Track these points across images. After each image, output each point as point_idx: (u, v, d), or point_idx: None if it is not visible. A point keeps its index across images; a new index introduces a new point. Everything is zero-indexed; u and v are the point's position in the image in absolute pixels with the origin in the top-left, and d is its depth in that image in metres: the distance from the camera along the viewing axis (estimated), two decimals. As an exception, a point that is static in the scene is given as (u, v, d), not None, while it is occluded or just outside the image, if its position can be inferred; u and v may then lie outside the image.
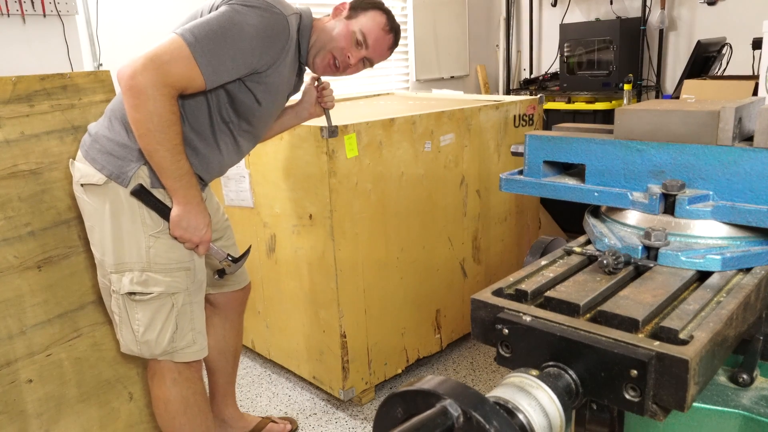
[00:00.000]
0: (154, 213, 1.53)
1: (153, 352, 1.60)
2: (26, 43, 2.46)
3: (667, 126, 1.11)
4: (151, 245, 1.54)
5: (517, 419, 0.72)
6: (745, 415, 0.95)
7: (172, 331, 1.59)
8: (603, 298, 0.95)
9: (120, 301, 1.58)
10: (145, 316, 1.57)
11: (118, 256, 1.54)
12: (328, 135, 2.00)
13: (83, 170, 1.54)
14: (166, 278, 1.56)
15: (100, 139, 1.53)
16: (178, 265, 1.57)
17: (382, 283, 2.32)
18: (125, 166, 1.50)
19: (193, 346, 1.65)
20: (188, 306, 1.61)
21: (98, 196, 1.53)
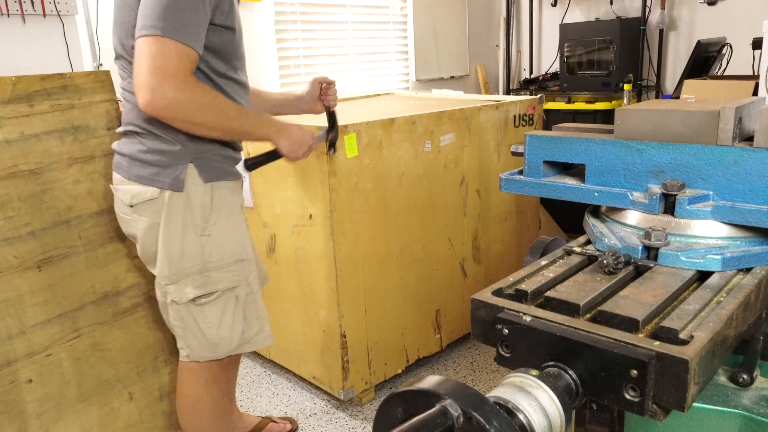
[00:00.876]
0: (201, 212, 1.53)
1: (229, 349, 1.63)
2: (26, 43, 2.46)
3: (667, 126, 1.11)
4: (204, 244, 1.55)
5: (517, 419, 0.72)
6: (745, 415, 0.95)
7: (242, 324, 1.62)
8: (603, 298, 0.95)
9: (182, 311, 1.58)
10: (214, 316, 1.59)
11: (174, 265, 1.54)
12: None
13: (133, 190, 1.52)
14: (225, 274, 1.58)
15: (138, 156, 1.52)
16: (233, 259, 1.59)
17: (382, 283, 2.32)
18: (174, 171, 1.50)
19: (261, 334, 1.68)
20: (251, 296, 1.64)
21: (153, 210, 1.52)
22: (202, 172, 1.53)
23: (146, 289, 1.83)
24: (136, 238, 1.60)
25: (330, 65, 3.84)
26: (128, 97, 1.53)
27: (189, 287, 1.55)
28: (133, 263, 1.79)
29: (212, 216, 1.55)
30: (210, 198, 1.54)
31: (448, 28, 4.58)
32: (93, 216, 1.72)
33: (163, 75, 1.33)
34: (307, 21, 3.70)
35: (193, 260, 1.54)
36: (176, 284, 1.56)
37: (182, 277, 1.55)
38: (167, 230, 1.52)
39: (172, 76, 1.34)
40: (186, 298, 1.56)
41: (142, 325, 1.84)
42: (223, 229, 1.57)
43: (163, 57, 1.34)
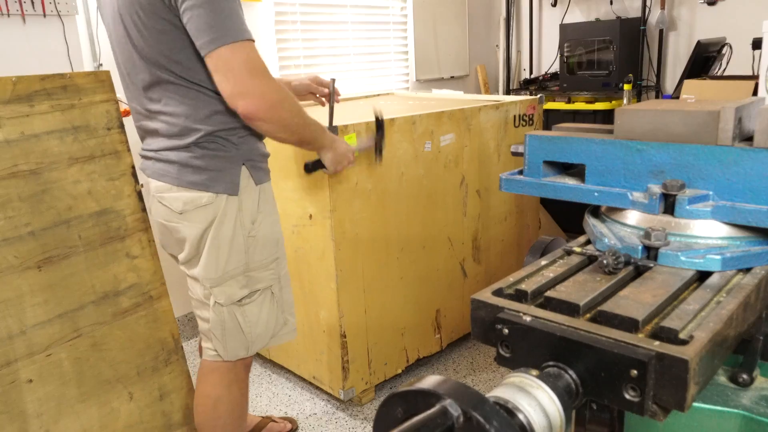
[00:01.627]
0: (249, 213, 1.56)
1: (262, 345, 1.68)
2: (26, 43, 2.46)
3: (667, 126, 1.11)
4: (250, 245, 1.57)
5: (517, 419, 0.72)
6: (745, 415, 0.95)
7: (275, 320, 1.67)
8: (603, 298, 0.95)
9: (225, 312, 1.60)
10: (254, 314, 1.63)
11: (221, 267, 1.55)
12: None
13: (185, 197, 1.52)
14: (265, 273, 1.62)
15: (190, 162, 1.51)
16: (271, 258, 1.63)
17: (382, 283, 2.32)
18: (228, 175, 1.51)
19: (286, 327, 1.73)
20: (280, 292, 1.69)
21: (205, 216, 1.52)
22: (254, 174, 1.56)
23: (146, 289, 1.83)
24: (184, 243, 1.59)
25: (330, 65, 3.84)
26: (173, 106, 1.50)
27: (235, 288, 1.58)
28: (133, 263, 1.79)
29: (258, 217, 1.58)
30: (258, 199, 1.58)
31: (448, 28, 4.58)
32: (93, 216, 1.72)
33: (262, 78, 1.37)
34: (307, 21, 3.70)
35: (238, 262, 1.57)
36: (221, 286, 1.57)
37: (227, 279, 1.57)
38: (219, 234, 1.53)
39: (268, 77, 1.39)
40: (232, 300, 1.58)
41: (142, 325, 1.83)
42: (265, 230, 1.61)
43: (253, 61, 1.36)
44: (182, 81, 1.46)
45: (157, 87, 1.50)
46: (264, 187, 1.61)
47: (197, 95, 1.47)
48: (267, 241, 1.62)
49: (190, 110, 1.47)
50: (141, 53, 1.47)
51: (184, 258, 1.62)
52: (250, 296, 1.61)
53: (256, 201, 1.58)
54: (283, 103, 1.42)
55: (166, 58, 1.44)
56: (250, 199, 1.56)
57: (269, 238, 1.62)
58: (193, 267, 1.61)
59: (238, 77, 1.34)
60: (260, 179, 1.59)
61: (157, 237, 1.73)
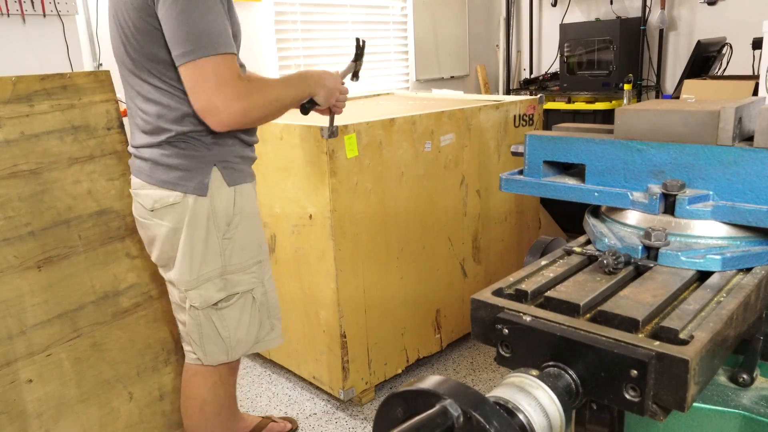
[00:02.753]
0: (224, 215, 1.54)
1: (244, 351, 1.65)
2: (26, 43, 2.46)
3: (667, 126, 1.11)
4: (226, 247, 1.55)
5: (517, 419, 0.72)
6: (745, 415, 0.95)
7: (257, 325, 1.65)
8: (603, 298, 0.95)
9: (201, 316, 1.59)
10: (233, 318, 1.60)
11: (196, 270, 1.54)
12: (327, 136, 2.00)
13: (155, 195, 1.52)
14: (245, 276, 1.59)
15: (161, 160, 1.51)
16: (252, 261, 1.61)
17: (382, 283, 2.32)
18: (197, 175, 1.50)
19: (272, 333, 1.71)
20: (265, 296, 1.66)
21: (176, 215, 1.52)
22: (227, 175, 1.54)
23: (146, 289, 1.83)
24: (154, 242, 1.59)
25: (330, 65, 3.84)
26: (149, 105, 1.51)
27: (211, 291, 1.56)
28: (133, 263, 1.79)
29: (234, 219, 1.56)
30: (233, 201, 1.55)
31: (448, 28, 4.58)
32: (93, 216, 1.72)
33: (225, 92, 1.36)
34: (307, 21, 3.70)
35: (215, 264, 1.55)
36: (197, 289, 1.56)
37: (203, 281, 1.55)
38: (190, 235, 1.52)
39: (232, 89, 1.37)
40: (208, 303, 1.56)
41: (142, 325, 1.83)
42: (243, 232, 1.58)
43: (216, 76, 1.36)
44: (159, 81, 1.47)
45: (138, 84, 1.51)
46: (241, 188, 1.57)
47: (172, 96, 1.47)
48: (246, 243, 1.59)
49: (164, 110, 1.48)
50: (128, 51, 1.48)
51: (156, 258, 1.62)
52: (228, 299, 1.58)
53: (231, 202, 1.55)
54: (252, 106, 1.41)
55: (147, 56, 1.45)
56: (223, 200, 1.54)
57: (249, 240, 1.59)
58: (168, 270, 1.60)
59: (205, 94, 1.36)
60: (235, 181, 1.55)
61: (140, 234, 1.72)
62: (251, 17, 3.37)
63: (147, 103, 1.50)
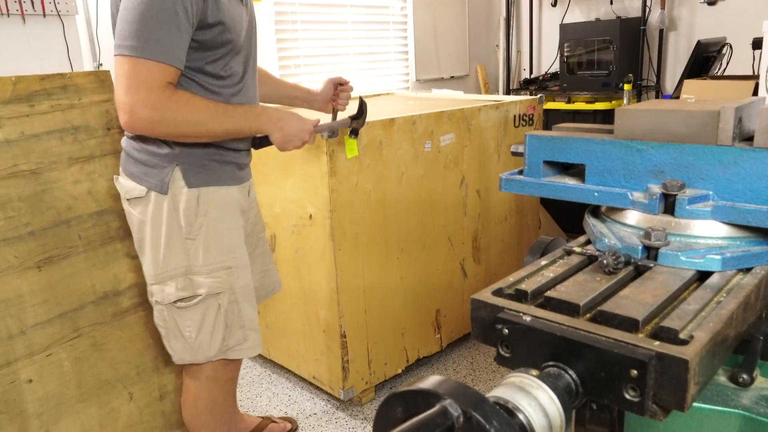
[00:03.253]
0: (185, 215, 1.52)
1: (208, 355, 1.62)
2: (26, 43, 2.46)
3: (667, 126, 1.11)
4: (189, 247, 1.55)
5: (517, 419, 0.72)
6: (745, 415, 0.95)
7: (223, 331, 1.61)
8: (603, 298, 0.95)
9: (165, 312, 1.59)
10: (195, 320, 1.58)
11: (160, 266, 1.55)
12: (328, 136, 2.00)
13: (126, 185, 1.56)
14: (208, 279, 1.57)
15: (131, 152, 1.54)
16: (218, 265, 1.58)
17: (382, 283, 2.32)
18: (159, 173, 1.51)
19: (245, 343, 1.67)
20: (234, 304, 1.62)
21: (142, 208, 1.54)
22: (188, 176, 1.52)
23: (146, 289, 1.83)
24: (133, 231, 1.62)
25: (330, 65, 3.84)
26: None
27: (171, 288, 1.56)
28: (133, 263, 1.79)
29: (197, 220, 1.54)
30: (196, 202, 1.53)
31: (448, 28, 4.58)
32: (93, 216, 1.72)
33: (136, 95, 1.35)
34: (307, 21, 3.70)
35: (178, 262, 1.54)
36: (160, 285, 1.57)
37: (166, 278, 1.55)
38: (153, 230, 1.54)
39: (145, 95, 1.35)
40: (168, 300, 1.57)
41: (142, 325, 1.83)
42: (209, 235, 1.56)
43: (135, 77, 1.35)
44: None
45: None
46: (206, 190, 1.54)
47: None
48: (211, 246, 1.56)
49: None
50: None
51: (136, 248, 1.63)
52: (188, 300, 1.56)
53: (194, 204, 1.53)
54: (166, 121, 1.39)
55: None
56: (184, 200, 1.52)
57: (214, 243, 1.56)
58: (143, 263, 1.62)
59: (117, 91, 1.37)
60: (197, 183, 1.53)
61: None
62: (251, 17, 3.36)
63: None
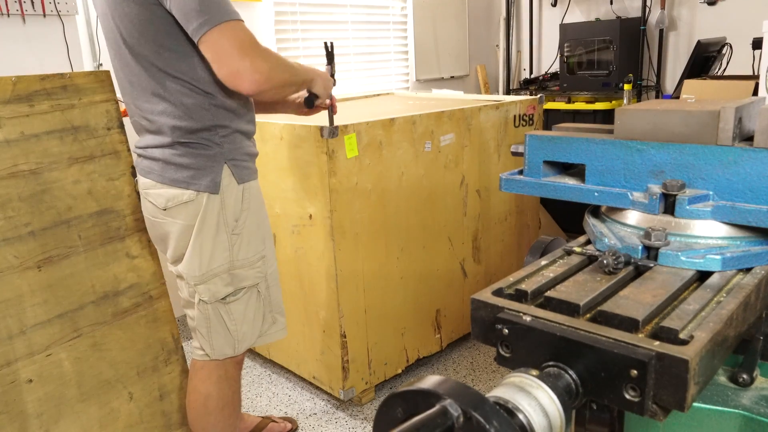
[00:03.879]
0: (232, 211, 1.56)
1: (249, 344, 1.68)
2: (26, 43, 2.46)
3: (667, 126, 1.11)
4: (234, 243, 1.58)
5: (517, 419, 0.72)
6: (745, 415, 0.95)
7: (261, 318, 1.67)
8: (603, 298, 0.95)
9: (210, 310, 1.61)
10: (239, 312, 1.63)
11: (205, 265, 1.57)
12: (328, 135, 2.00)
13: (168, 194, 1.54)
14: (251, 271, 1.62)
15: (172, 159, 1.52)
16: (256, 256, 1.63)
17: (382, 283, 2.32)
18: (209, 173, 1.52)
19: (274, 326, 1.73)
20: (268, 290, 1.68)
21: (188, 213, 1.54)
22: (236, 173, 1.56)
23: (146, 289, 1.83)
24: (168, 240, 1.61)
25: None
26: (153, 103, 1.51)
27: (219, 286, 1.59)
28: (133, 263, 1.79)
29: (242, 215, 1.58)
30: (241, 197, 1.58)
31: (448, 28, 4.58)
32: (93, 216, 1.72)
33: (252, 54, 1.38)
34: (307, 21, 3.70)
35: (223, 259, 1.58)
36: (206, 284, 1.58)
37: (212, 276, 1.58)
38: (202, 231, 1.54)
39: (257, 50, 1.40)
40: (216, 297, 1.59)
41: (142, 325, 1.83)
42: (250, 228, 1.61)
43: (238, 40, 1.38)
44: (165, 75, 1.46)
45: (144, 83, 1.50)
46: (248, 185, 1.61)
47: (180, 90, 1.47)
48: (252, 238, 1.62)
49: (172, 107, 1.48)
50: (129, 47, 1.48)
51: (170, 255, 1.64)
52: (235, 294, 1.62)
53: (240, 199, 1.58)
54: (276, 68, 1.45)
55: (152, 48, 1.45)
56: (233, 197, 1.56)
57: (254, 235, 1.63)
58: (178, 265, 1.62)
59: (230, 59, 1.37)
60: (243, 178, 1.58)
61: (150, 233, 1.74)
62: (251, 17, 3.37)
63: (153, 102, 1.50)
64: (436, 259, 2.53)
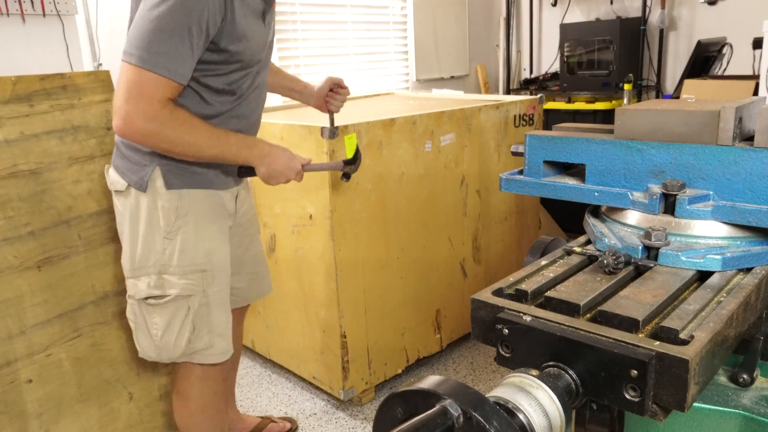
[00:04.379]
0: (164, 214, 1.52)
1: (171, 356, 1.61)
2: (26, 43, 2.46)
3: (667, 126, 1.11)
4: (166, 247, 1.54)
5: (517, 419, 0.72)
6: (745, 415, 0.95)
7: (189, 333, 1.59)
8: (603, 298, 0.95)
9: (135, 306, 1.59)
10: (162, 319, 1.57)
11: (136, 261, 1.55)
12: (328, 136, 2.00)
13: (111, 177, 1.57)
14: (181, 281, 1.56)
15: (119, 146, 1.56)
16: (192, 267, 1.57)
17: (382, 283, 2.32)
18: (140, 171, 1.51)
19: (211, 349, 1.64)
20: (205, 308, 1.60)
21: (123, 201, 1.55)
22: (168, 178, 1.51)
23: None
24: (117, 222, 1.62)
25: (330, 65, 3.84)
26: None
27: (143, 284, 1.56)
28: (133, 263, 1.79)
29: (177, 222, 1.54)
30: (176, 204, 1.53)
31: (448, 28, 4.58)
32: (93, 216, 1.72)
33: (136, 105, 1.34)
34: (307, 21, 3.70)
35: (153, 260, 1.54)
36: (133, 279, 1.57)
37: (141, 274, 1.56)
38: (131, 225, 1.55)
39: (144, 106, 1.34)
40: (139, 295, 1.57)
41: (142, 325, 1.83)
42: (187, 237, 1.55)
43: (138, 87, 1.34)
44: None
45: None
46: (190, 193, 1.54)
47: None
48: (188, 248, 1.55)
49: None
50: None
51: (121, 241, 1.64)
52: (158, 298, 1.56)
53: (174, 205, 1.52)
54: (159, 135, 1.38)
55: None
56: (164, 201, 1.52)
57: (192, 246, 1.56)
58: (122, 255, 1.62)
59: (116, 96, 1.36)
60: (176, 185, 1.52)
61: None
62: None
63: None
64: (436, 259, 2.53)
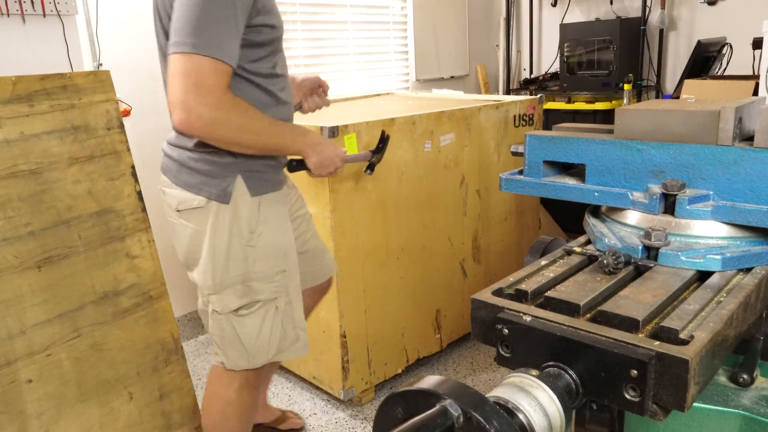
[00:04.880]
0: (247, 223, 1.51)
1: (265, 359, 1.61)
2: (26, 43, 2.46)
3: (667, 126, 1.11)
4: (248, 254, 1.52)
5: (517, 419, 0.72)
6: (745, 415, 0.95)
7: (280, 334, 1.61)
8: (603, 298, 0.95)
9: (223, 321, 1.57)
10: (254, 326, 1.57)
11: (219, 275, 1.53)
12: (328, 136, 2.00)
13: (180, 196, 1.51)
14: (267, 285, 1.56)
15: (187, 162, 1.50)
16: (275, 270, 1.57)
17: (382, 283, 2.32)
18: (221, 182, 1.48)
19: (297, 343, 1.67)
20: (288, 306, 1.62)
21: (200, 218, 1.51)
22: (251, 185, 1.51)
23: (146, 289, 1.83)
24: (180, 242, 1.58)
25: (330, 65, 3.84)
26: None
27: (232, 297, 1.54)
28: (133, 263, 1.79)
29: (258, 227, 1.53)
30: (257, 210, 1.52)
31: (448, 28, 4.58)
32: (93, 216, 1.72)
33: (199, 94, 1.30)
34: (307, 21, 3.70)
35: (237, 270, 1.53)
36: (219, 294, 1.55)
37: (225, 287, 1.54)
38: (213, 240, 1.50)
39: (208, 94, 1.31)
40: (228, 309, 1.55)
41: (142, 325, 1.83)
42: (267, 241, 1.55)
43: (197, 75, 1.30)
44: None
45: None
46: (267, 197, 1.55)
47: None
48: (270, 252, 1.55)
49: None
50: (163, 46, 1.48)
51: (181, 259, 1.62)
52: (249, 307, 1.56)
53: (256, 212, 1.52)
54: (227, 123, 1.35)
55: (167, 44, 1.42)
56: (247, 209, 1.51)
57: (273, 249, 1.56)
58: (192, 272, 1.60)
59: (174, 89, 1.31)
60: (259, 190, 1.53)
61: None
62: (251, 17, 3.36)
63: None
64: (436, 259, 2.53)
